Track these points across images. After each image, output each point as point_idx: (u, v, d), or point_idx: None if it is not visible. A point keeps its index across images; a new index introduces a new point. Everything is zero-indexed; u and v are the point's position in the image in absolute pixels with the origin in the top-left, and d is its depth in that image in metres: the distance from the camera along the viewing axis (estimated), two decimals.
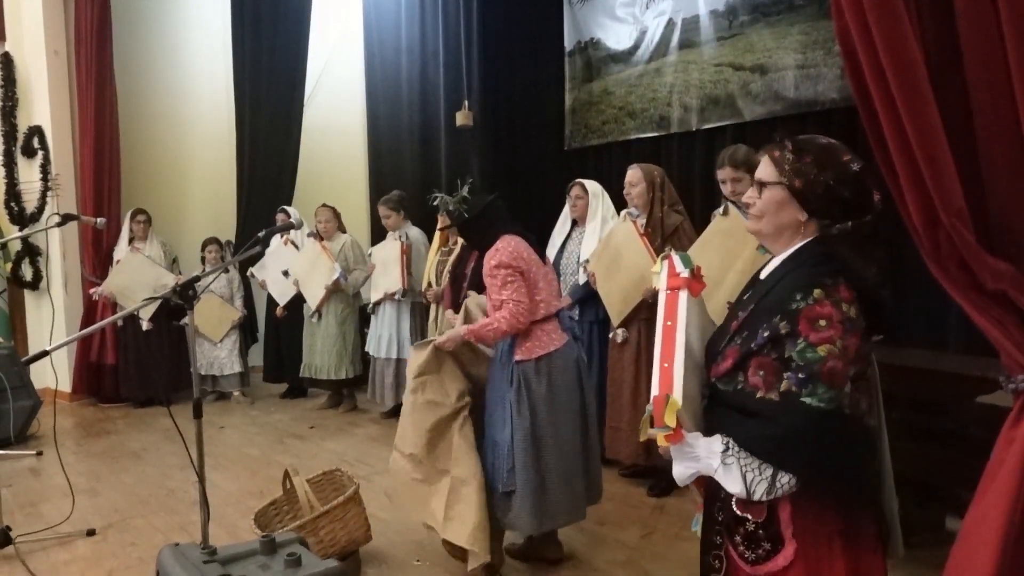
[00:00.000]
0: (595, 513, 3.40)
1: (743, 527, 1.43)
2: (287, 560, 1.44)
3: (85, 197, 5.69)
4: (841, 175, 1.43)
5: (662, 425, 1.38)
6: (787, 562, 1.39)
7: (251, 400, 5.86)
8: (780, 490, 1.36)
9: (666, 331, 1.51)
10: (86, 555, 3.09)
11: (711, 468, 1.42)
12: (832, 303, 1.37)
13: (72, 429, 5.15)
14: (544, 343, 2.64)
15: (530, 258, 2.67)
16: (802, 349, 1.35)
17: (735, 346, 1.47)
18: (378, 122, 7.09)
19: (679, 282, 1.58)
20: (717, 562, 1.50)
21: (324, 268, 5.23)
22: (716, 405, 1.50)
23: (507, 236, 2.68)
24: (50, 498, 3.73)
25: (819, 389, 1.33)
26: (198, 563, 1.43)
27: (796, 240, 1.49)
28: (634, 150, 5.34)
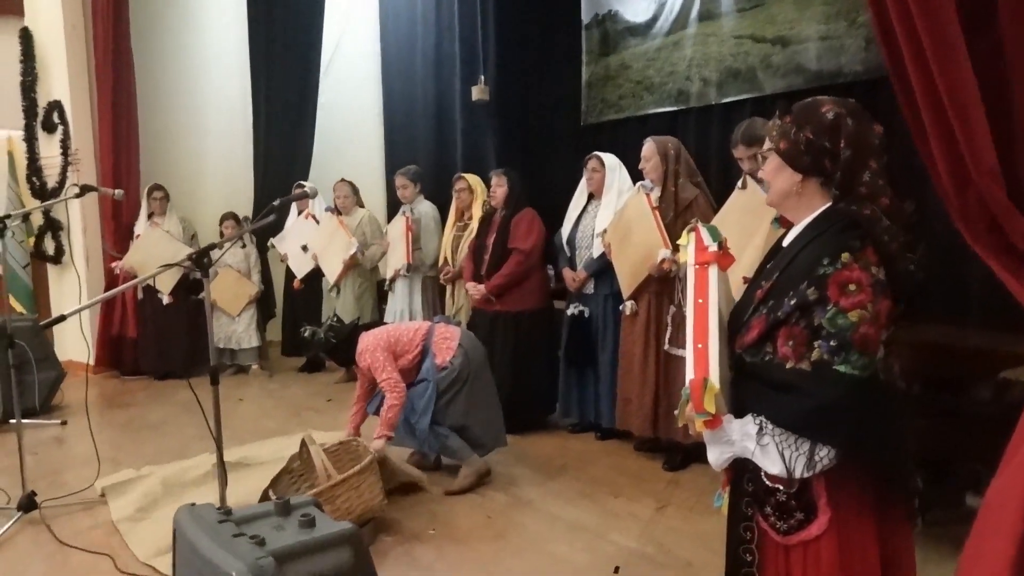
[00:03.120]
0: (609, 486, 3.42)
1: (774, 497, 1.42)
2: (301, 521, 1.45)
3: (104, 171, 5.72)
4: (818, 126, 1.42)
5: (702, 411, 1.35)
6: (821, 531, 1.38)
7: (269, 374, 5.91)
8: (819, 464, 1.33)
9: (698, 310, 1.46)
10: (107, 520, 3.13)
11: (748, 451, 1.40)
12: (861, 266, 1.33)
13: (95, 400, 5.22)
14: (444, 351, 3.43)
15: (390, 335, 3.46)
16: (832, 315, 1.31)
17: (761, 316, 1.43)
18: (393, 97, 7.05)
19: (708, 256, 1.53)
20: (748, 533, 1.48)
21: (342, 243, 5.23)
22: (743, 378, 1.46)
23: (364, 335, 3.47)
24: (73, 466, 3.79)
25: (852, 356, 1.29)
26: (213, 523, 1.44)
27: (815, 205, 1.47)
28: (651, 125, 5.26)
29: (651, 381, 3.61)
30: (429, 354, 3.44)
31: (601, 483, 3.46)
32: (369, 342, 3.39)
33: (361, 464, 2.84)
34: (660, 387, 3.61)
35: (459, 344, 3.45)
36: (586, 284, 3.98)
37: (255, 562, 1.29)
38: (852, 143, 1.39)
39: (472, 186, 4.65)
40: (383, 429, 3.19)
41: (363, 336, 3.45)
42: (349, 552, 1.42)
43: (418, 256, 4.99)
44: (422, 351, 3.45)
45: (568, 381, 4.13)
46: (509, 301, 4.12)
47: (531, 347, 4.15)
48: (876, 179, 1.40)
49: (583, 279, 3.96)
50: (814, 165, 1.43)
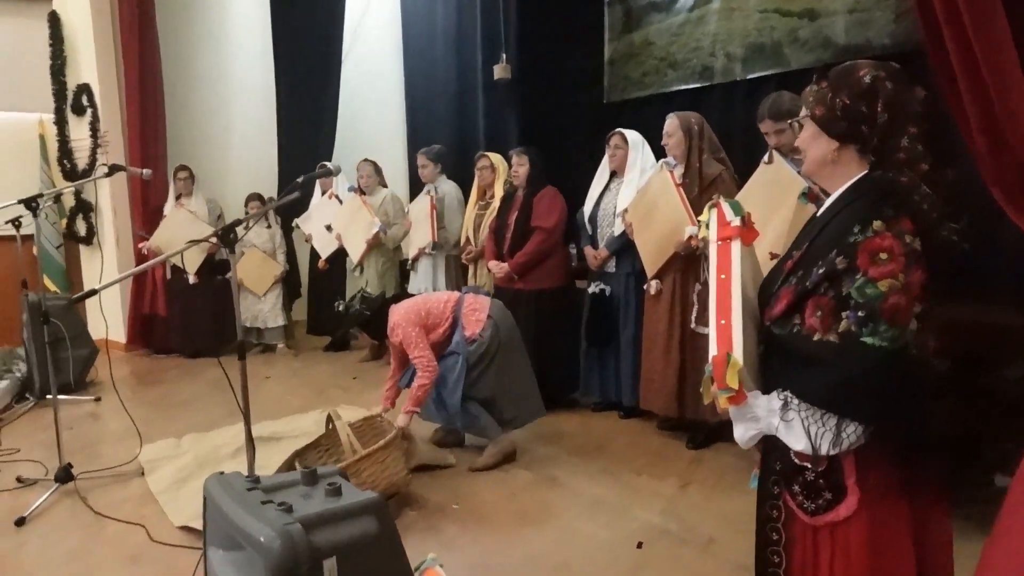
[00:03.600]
0: (631, 464, 3.44)
1: (802, 476, 1.38)
2: (327, 490, 1.48)
3: (132, 153, 5.80)
4: (855, 91, 1.38)
5: (724, 387, 1.33)
6: (850, 512, 1.34)
7: (295, 352, 5.99)
8: (846, 441, 1.29)
9: (720, 285, 1.44)
10: (140, 493, 3.23)
11: (772, 427, 1.36)
12: (894, 235, 1.28)
13: (127, 377, 5.34)
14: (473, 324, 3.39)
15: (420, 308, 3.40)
16: (861, 285, 1.27)
17: (789, 286, 1.40)
18: (415, 77, 7.05)
19: (731, 231, 1.51)
20: (775, 511, 1.45)
21: (364, 222, 5.27)
22: (772, 352, 1.43)
23: (395, 308, 3.41)
24: (107, 440, 3.90)
25: (881, 327, 1.24)
26: (242, 490, 1.48)
27: (851, 174, 1.43)
28: (675, 102, 5.19)
29: (675, 360, 3.60)
30: (459, 326, 3.40)
31: (624, 461, 3.48)
32: (400, 316, 3.33)
33: (386, 439, 2.88)
34: (685, 366, 3.59)
35: (488, 315, 3.41)
36: (607, 262, 3.97)
37: (283, 528, 1.32)
38: (890, 107, 1.35)
39: (494, 164, 4.64)
40: (410, 405, 3.21)
41: (394, 309, 3.40)
42: (374, 521, 1.44)
43: (442, 235, 5.01)
44: (452, 323, 3.42)
45: (589, 360, 4.14)
46: (530, 280, 4.13)
47: (552, 326, 4.16)
48: (915, 144, 1.35)
49: (604, 257, 3.95)
50: (851, 131, 1.39)
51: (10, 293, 5.46)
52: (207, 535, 1.57)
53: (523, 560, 2.56)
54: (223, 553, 1.50)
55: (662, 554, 2.58)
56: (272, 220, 5.98)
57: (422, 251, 5.06)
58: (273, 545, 1.30)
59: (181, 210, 5.66)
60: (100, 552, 2.69)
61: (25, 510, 2.96)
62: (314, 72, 6.33)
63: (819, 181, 1.52)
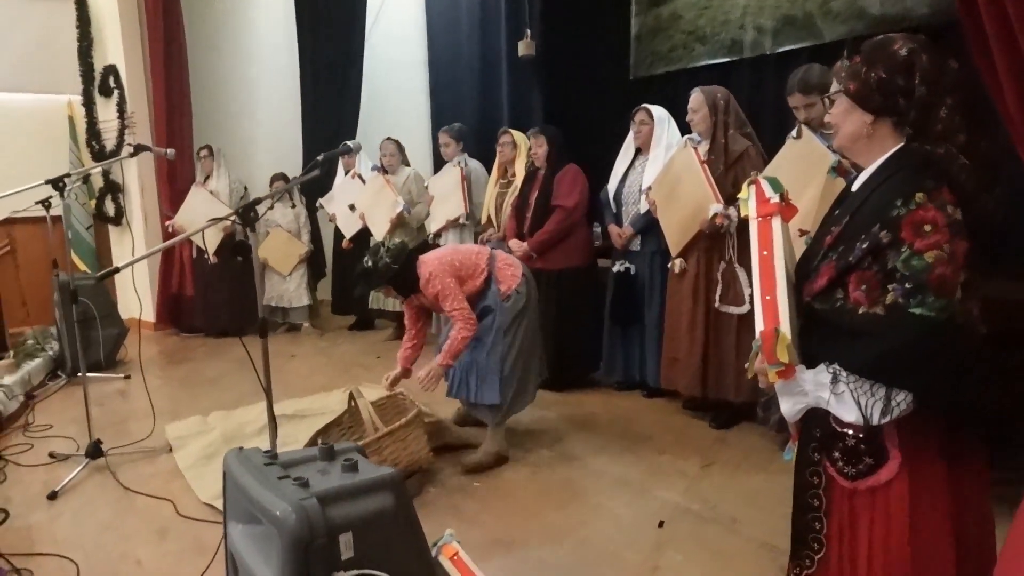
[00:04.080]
0: (655, 443, 3.42)
1: (842, 442, 1.40)
2: (344, 465, 1.48)
3: (158, 133, 5.87)
4: (891, 64, 1.37)
5: (774, 361, 1.34)
6: (891, 476, 1.36)
7: (320, 332, 6.04)
8: (896, 410, 1.30)
9: (763, 262, 1.45)
10: (168, 469, 3.29)
11: (822, 401, 1.38)
12: (937, 207, 1.28)
13: (156, 356, 5.44)
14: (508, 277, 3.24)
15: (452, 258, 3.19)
16: (907, 257, 1.27)
17: (830, 262, 1.40)
18: (438, 54, 7.00)
19: (771, 208, 1.52)
20: (815, 478, 1.46)
21: (387, 201, 5.27)
22: (813, 326, 1.44)
23: (424, 259, 3.17)
24: (137, 417, 3.97)
25: (928, 298, 1.25)
26: (260, 465, 1.49)
27: (887, 147, 1.43)
28: (703, 77, 5.07)
29: (699, 339, 3.55)
30: (493, 281, 3.23)
31: (647, 440, 3.46)
32: (435, 266, 3.12)
33: (407, 416, 2.88)
34: (710, 345, 3.55)
35: (523, 273, 3.31)
36: (632, 241, 3.92)
37: (299, 502, 1.33)
38: (927, 79, 1.35)
39: (516, 141, 4.59)
40: (446, 358, 3.04)
41: (423, 261, 3.18)
42: (391, 496, 1.45)
43: (473, 207, 4.98)
44: (486, 277, 3.24)
45: (613, 339, 4.10)
46: (552, 259, 4.09)
47: (574, 305, 4.13)
48: (952, 116, 1.35)
49: (629, 236, 3.90)
50: (886, 105, 1.39)
51: (43, 274, 5.58)
52: (227, 510, 1.59)
53: (543, 537, 2.56)
54: (243, 527, 1.52)
55: (684, 533, 2.57)
56: (297, 199, 6.01)
57: (452, 222, 5.00)
58: (289, 519, 1.30)
59: (200, 190, 5.71)
60: (129, 525, 2.75)
61: (57, 484, 3.03)
62: (338, 50, 6.33)
63: (852, 156, 1.53)
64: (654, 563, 2.38)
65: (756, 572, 2.28)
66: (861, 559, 1.41)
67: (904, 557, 1.36)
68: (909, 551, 1.36)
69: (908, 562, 1.36)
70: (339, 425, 3.14)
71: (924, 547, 1.36)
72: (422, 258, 3.19)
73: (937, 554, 1.37)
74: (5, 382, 4.09)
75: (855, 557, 1.41)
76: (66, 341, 4.62)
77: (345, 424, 3.16)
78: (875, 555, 1.39)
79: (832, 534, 1.45)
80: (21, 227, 5.80)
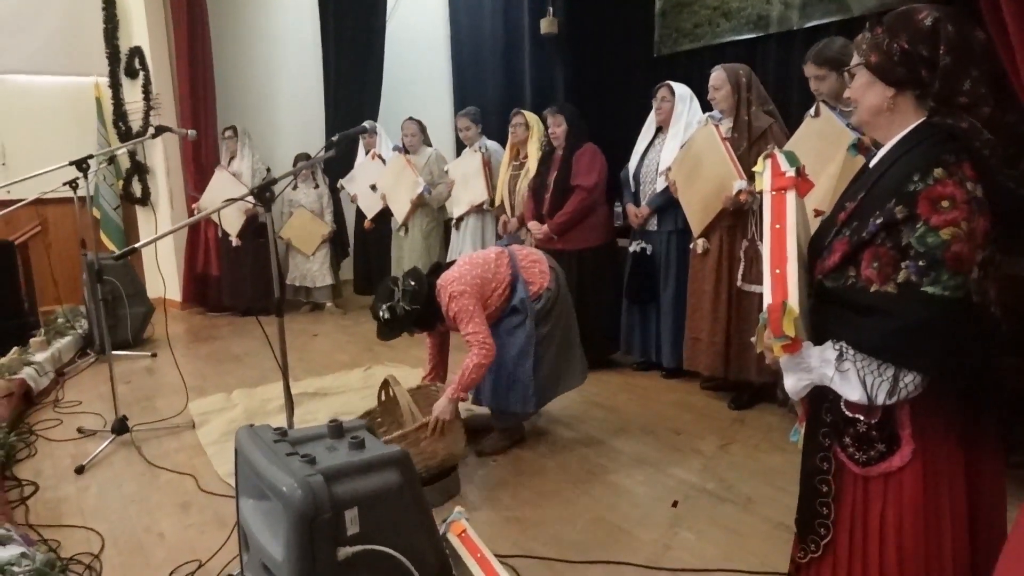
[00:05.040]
0: (672, 422, 3.40)
1: (853, 428, 1.37)
2: (351, 443, 1.49)
3: (183, 115, 5.93)
4: (915, 34, 1.32)
5: (780, 335, 1.32)
6: (904, 462, 1.33)
7: (343, 311, 6.10)
8: (904, 391, 1.27)
9: (775, 235, 1.42)
10: (192, 443, 3.35)
11: (826, 378, 1.35)
12: (956, 182, 1.24)
13: (182, 334, 5.53)
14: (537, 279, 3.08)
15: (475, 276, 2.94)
16: (922, 234, 1.23)
17: (843, 238, 1.37)
18: (460, 33, 6.96)
19: (786, 182, 1.49)
20: (825, 464, 1.44)
21: (409, 182, 5.27)
22: (824, 304, 1.41)
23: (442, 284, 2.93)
24: (163, 394, 4.05)
25: (943, 276, 1.21)
26: (269, 442, 1.51)
27: (908, 122, 1.38)
28: (729, 54, 4.97)
29: (723, 319, 3.52)
30: (520, 282, 3.01)
31: (665, 420, 3.45)
32: (456, 288, 2.87)
33: None
34: (732, 325, 3.51)
35: (551, 267, 3.14)
36: (649, 220, 3.88)
37: (304, 478, 1.34)
38: (952, 49, 1.30)
39: (529, 122, 4.54)
40: (459, 390, 2.76)
41: (442, 286, 2.91)
42: (397, 473, 1.46)
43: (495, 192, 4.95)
44: (511, 282, 3.03)
45: (630, 319, 4.08)
46: (571, 239, 4.07)
47: (595, 285, 4.11)
48: (978, 88, 1.31)
49: (646, 215, 3.86)
50: (909, 76, 1.35)
51: (73, 253, 5.70)
52: (238, 485, 1.62)
53: (558, 515, 2.57)
54: (253, 502, 1.54)
55: (700, 512, 2.56)
56: (320, 180, 6.04)
57: (476, 207, 4.99)
58: (295, 495, 1.32)
59: (223, 172, 5.76)
60: (153, 498, 2.82)
61: (85, 459, 3.11)
62: (360, 30, 6.33)
63: (872, 131, 1.49)
64: (667, 541, 2.38)
65: (770, 551, 2.27)
66: (872, 546, 1.39)
67: (918, 544, 1.34)
68: (923, 538, 1.34)
69: (922, 549, 1.34)
70: (369, 415, 2.94)
71: (938, 534, 1.34)
72: (441, 283, 2.93)
73: (952, 541, 1.35)
74: (36, 359, 4.19)
75: (867, 544, 1.39)
76: (94, 319, 4.72)
77: (374, 416, 2.95)
78: (887, 542, 1.37)
79: (843, 520, 1.43)
80: (52, 208, 5.92)
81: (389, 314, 2.87)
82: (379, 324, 2.95)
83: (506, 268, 3.04)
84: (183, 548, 2.44)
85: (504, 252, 3.12)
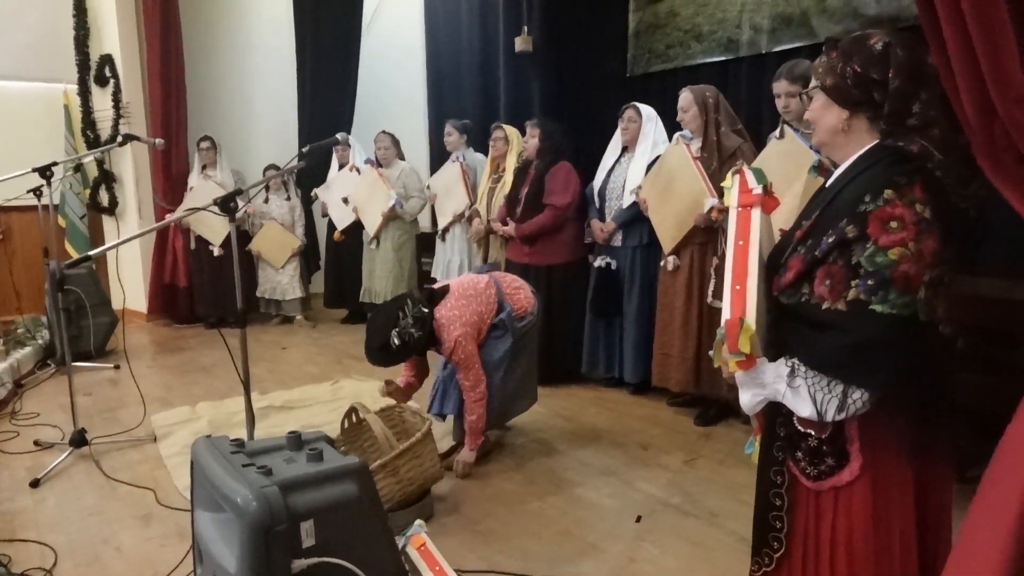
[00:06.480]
0: (639, 437, 3.42)
1: (805, 443, 1.40)
2: (309, 454, 1.48)
3: (154, 124, 5.86)
4: (867, 58, 1.37)
5: (736, 351, 1.34)
6: (853, 476, 1.36)
7: (313, 324, 6.04)
8: (852, 407, 1.30)
9: (738, 251, 1.45)
10: (154, 456, 3.29)
11: (778, 393, 1.38)
12: (905, 203, 1.28)
13: (148, 345, 5.45)
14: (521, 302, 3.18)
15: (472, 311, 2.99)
16: (871, 253, 1.27)
17: (799, 255, 1.41)
18: (438, 47, 6.97)
19: (752, 199, 1.52)
20: (779, 477, 1.47)
21: (381, 195, 5.27)
22: (780, 321, 1.44)
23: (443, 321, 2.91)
24: (126, 406, 3.97)
25: (891, 295, 1.25)
26: (226, 453, 1.49)
27: (863, 142, 1.42)
28: (701, 75, 5.06)
29: (693, 334, 3.56)
30: (506, 307, 3.13)
31: (632, 435, 3.46)
32: (459, 332, 2.91)
33: (422, 431, 2.63)
34: (703, 340, 3.54)
35: (533, 292, 3.29)
36: (614, 236, 3.91)
37: (260, 490, 1.32)
38: (901, 72, 1.35)
39: (509, 136, 4.59)
40: (473, 441, 2.99)
41: (444, 325, 2.91)
42: (355, 485, 1.45)
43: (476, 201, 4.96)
44: (498, 310, 3.13)
45: (594, 334, 4.10)
46: (542, 254, 4.09)
47: (564, 301, 4.13)
48: (927, 109, 1.35)
49: (611, 230, 3.89)
50: (862, 99, 1.39)
51: (37, 263, 5.59)
52: (194, 497, 1.59)
53: (524, 528, 2.56)
54: (209, 515, 1.52)
55: (664, 525, 2.57)
56: (292, 192, 6.00)
57: (459, 216, 4.98)
58: (249, 507, 1.30)
59: (208, 182, 5.69)
60: (112, 512, 2.75)
61: (41, 471, 3.03)
62: (335, 42, 6.32)
63: (829, 152, 1.53)
64: (632, 554, 2.38)
65: (733, 564, 2.28)
66: (824, 558, 1.41)
67: (867, 557, 1.37)
68: (872, 551, 1.36)
69: (871, 562, 1.37)
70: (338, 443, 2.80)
71: (887, 547, 1.37)
72: (441, 320, 2.92)
73: (901, 554, 1.37)
74: None
75: (819, 556, 1.42)
76: (55, 329, 4.62)
77: (338, 444, 2.79)
78: (838, 555, 1.40)
79: (796, 533, 1.45)
80: (16, 216, 5.81)
81: (399, 340, 2.82)
82: (381, 350, 2.89)
83: (494, 297, 3.13)
84: (141, 562, 2.39)
85: (491, 282, 3.19)
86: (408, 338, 2.82)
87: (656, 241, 3.71)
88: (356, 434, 2.90)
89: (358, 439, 2.90)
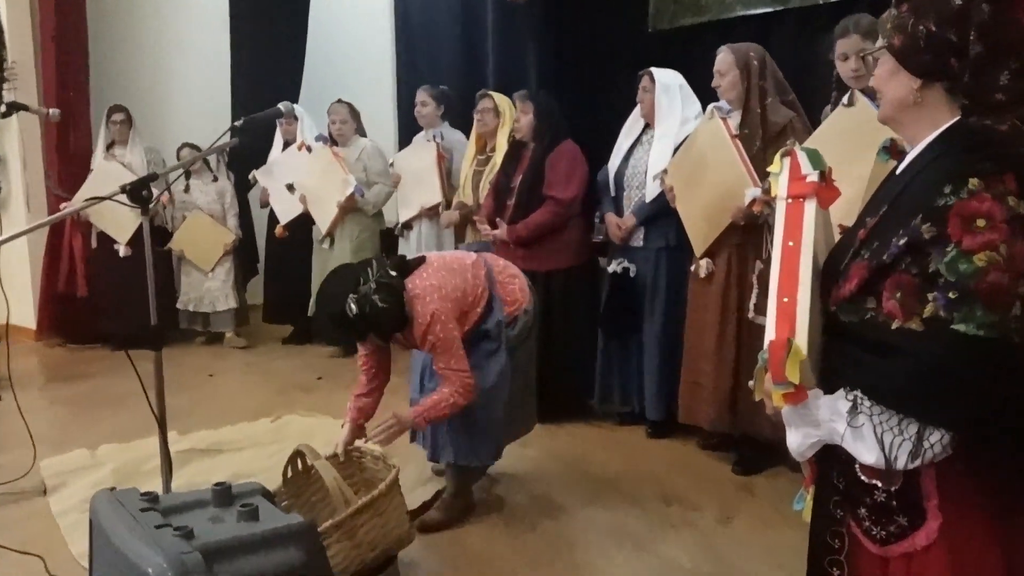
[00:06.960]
0: (661, 489, 3.43)
1: (871, 497, 1.39)
2: (240, 512, 1.47)
3: (47, 90, 5.86)
4: (942, 15, 1.36)
5: (782, 380, 1.33)
6: (930, 540, 1.35)
7: (245, 343, 6.03)
8: (929, 452, 1.29)
9: (787, 254, 1.45)
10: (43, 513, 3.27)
11: (836, 434, 1.37)
12: (994, 196, 1.27)
13: (38, 372, 5.44)
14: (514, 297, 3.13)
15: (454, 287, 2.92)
16: (952, 259, 1.26)
17: (862, 261, 1.41)
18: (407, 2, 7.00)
19: (806, 188, 1.52)
20: (837, 541, 1.47)
21: (336, 180, 5.26)
22: (837, 343, 1.44)
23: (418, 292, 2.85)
24: (8, 449, 3.93)
25: (977, 311, 1.23)
26: (135, 510, 1.48)
27: (940, 120, 1.42)
28: (739, 32, 5.09)
29: (729, 359, 3.56)
30: (496, 301, 3.04)
31: (653, 486, 3.47)
32: (438, 306, 2.82)
33: (386, 481, 2.56)
34: (741, 366, 3.54)
35: (528, 285, 3.23)
36: (634, 234, 3.93)
37: (178, 557, 1.31)
38: (985, 36, 1.34)
39: (500, 108, 4.60)
40: (421, 419, 2.86)
41: (419, 296, 2.83)
42: (299, 552, 1.44)
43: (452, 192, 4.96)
44: (488, 300, 3.04)
45: (608, 357, 4.12)
46: (539, 258, 4.07)
47: (567, 315, 4.14)
48: (1017, 82, 1.35)
49: (630, 227, 3.91)
50: (936, 65, 1.39)
51: None
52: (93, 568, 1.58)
53: None
54: None
55: None
56: (222, 173, 5.99)
57: (427, 212, 5.01)
58: None
59: (112, 163, 5.69)
60: None
61: None
62: None
63: (899, 129, 1.53)
64: None
65: None
66: None
67: None
68: None
69: None
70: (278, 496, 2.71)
71: None
72: (415, 290, 2.85)
73: None
74: None
75: None
76: None
77: (281, 496, 2.75)
78: None
79: None
80: None
81: (358, 308, 2.71)
82: (336, 321, 2.82)
83: (483, 280, 3.05)
84: None
85: (479, 260, 3.13)
86: (369, 308, 2.71)
87: (686, 242, 3.72)
88: (302, 485, 2.88)
89: (304, 492, 2.88)
